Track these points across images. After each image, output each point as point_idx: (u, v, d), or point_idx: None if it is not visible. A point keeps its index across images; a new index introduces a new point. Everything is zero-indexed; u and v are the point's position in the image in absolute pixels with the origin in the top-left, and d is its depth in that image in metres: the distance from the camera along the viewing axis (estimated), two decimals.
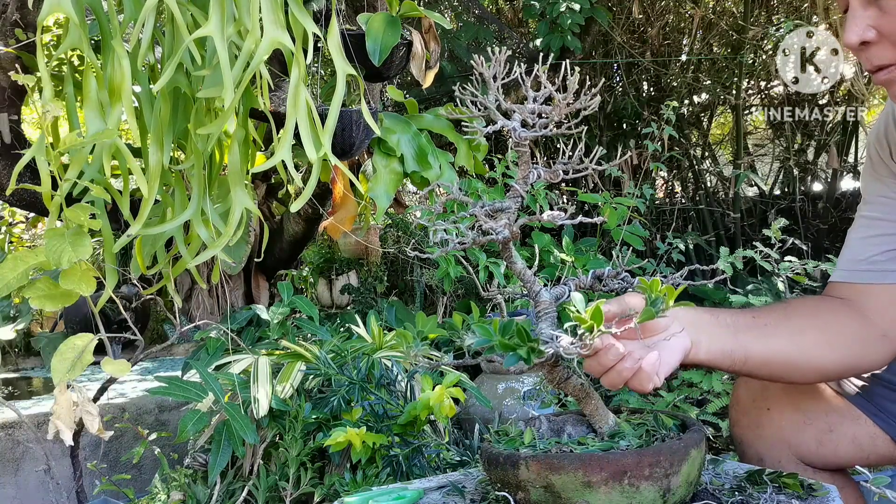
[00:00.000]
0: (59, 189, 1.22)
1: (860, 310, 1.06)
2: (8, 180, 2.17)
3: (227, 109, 1.13)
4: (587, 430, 1.00)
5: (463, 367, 2.17)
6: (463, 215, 0.99)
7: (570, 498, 0.85)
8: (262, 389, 1.51)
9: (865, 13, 0.87)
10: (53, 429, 1.23)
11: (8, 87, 2.18)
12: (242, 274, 2.81)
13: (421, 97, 3.75)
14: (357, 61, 1.94)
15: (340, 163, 1.28)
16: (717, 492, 0.97)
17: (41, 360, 3.13)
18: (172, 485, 1.58)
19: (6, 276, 1.23)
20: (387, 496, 1.02)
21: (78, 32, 1.14)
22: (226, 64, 1.10)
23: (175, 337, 1.73)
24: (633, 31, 4.01)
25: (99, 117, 1.20)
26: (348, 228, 2.60)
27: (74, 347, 1.23)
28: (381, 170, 2.09)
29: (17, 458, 2.00)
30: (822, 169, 4.12)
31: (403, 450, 1.41)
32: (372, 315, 1.87)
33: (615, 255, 1.06)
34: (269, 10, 1.13)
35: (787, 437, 1.14)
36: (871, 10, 0.87)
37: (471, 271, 2.31)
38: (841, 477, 1.16)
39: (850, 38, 0.88)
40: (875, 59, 0.89)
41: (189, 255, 1.35)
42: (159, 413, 2.22)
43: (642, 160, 3.20)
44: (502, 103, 0.96)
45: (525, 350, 0.87)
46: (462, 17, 4.04)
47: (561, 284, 1.01)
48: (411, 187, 3.10)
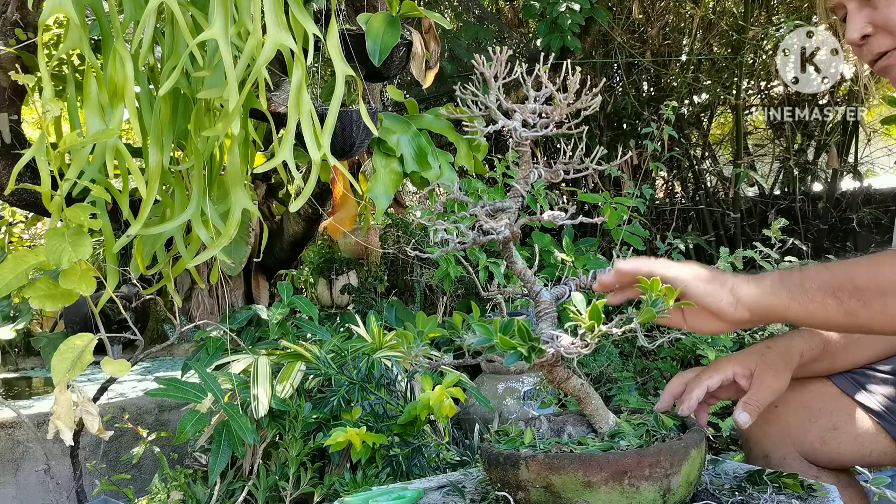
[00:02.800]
0: (60, 189, 1.22)
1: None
2: (8, 180, 2.17)
3: (233, 111, 1.13)
4: (587, 430, 1.00)
5: (463, 367, 2.17)
6: (463, 215, 0.99)
7: (570, 498, 0.85)
8: (262, 389, 1.51)
9: (861, 14, 1.02)
10: (53, 429, 1.23)
11: (8, 87, 2.18)
12: (242, 274, 2.81)
13: (421, 97, 3.75)
14: (357, 61, 1.94)
15: (339, 163, 1.28)
16: (717, 492, 0.97)
17: (41, 360, 3.13)
18: (172, 485, 1.58)
19: (6, 276, 1.23)
20: (387, 496, 1.02)
21: (78, 32, 1.14)
22: (230, 66, 1.10)
23: (175, 337, 1.73)
24: (633, 31, 4.01)
25: (99, 117, 1.21)
26: (348, 228, 2.60)
27: (74, 347, 1.23)
28: (380, 170, 2.09)
29: (17, 458, 1.99)
30: (822, 169, 4.12)
31: (403, 450, 1.41)
32: (372, 315, 1.87)
33: (615, 255, 1.07)
34: (272, 12, 1.13)
35: (792, 434, 1.15)
36: (866, 10, 1.01)
37: (471, 271, 2.31)
38: (845, 476, 1.17)
39: (852, 34, 1.02)
40: (875, 48, 1.02)
41: (189, 256, 1.35)
42: (159, 413, 2.22)
43: (642, 160, 3.20)
44: (503, 103, 0.96)
45: (526, 349, 0.86)
46: (462, 17, 4.04)
47: (561, 284, 1.01)
48: (411, 187, 3.10)
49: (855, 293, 0.89)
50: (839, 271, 0.91)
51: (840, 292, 0.90)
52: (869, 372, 1.15)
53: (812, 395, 1.16)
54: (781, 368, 1.07)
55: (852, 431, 1.13)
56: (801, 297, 0.91)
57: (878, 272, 0.89)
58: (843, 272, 0.91)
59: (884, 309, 0.88)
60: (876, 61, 1.03)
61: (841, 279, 0.90)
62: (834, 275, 0.91)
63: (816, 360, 1.13)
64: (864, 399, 1.13)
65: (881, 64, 1.03)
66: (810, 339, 1.12)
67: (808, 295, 0.91)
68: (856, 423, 1.13)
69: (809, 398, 1.16)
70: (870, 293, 0.88)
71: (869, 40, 1.02)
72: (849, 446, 1.13)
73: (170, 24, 1.26)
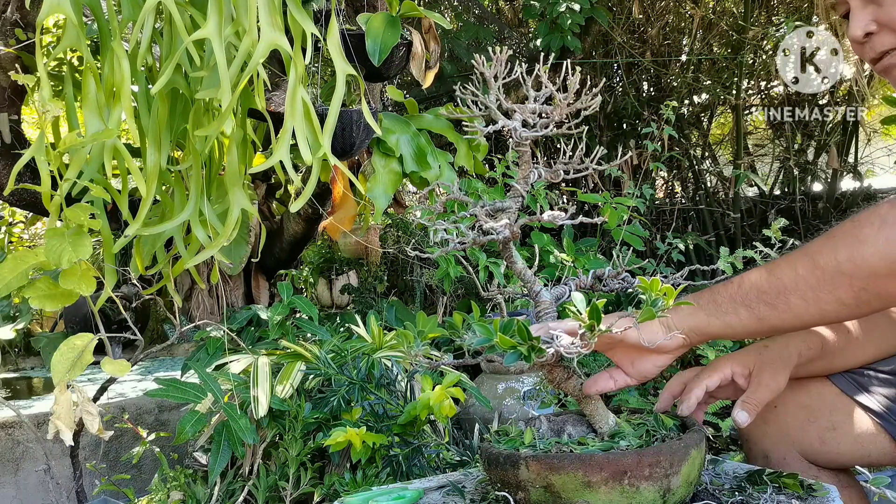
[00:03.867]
0: (59, 189, 1.22)
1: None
2: (8, 180, 2.16)
3: (225, 110, 1.13)
4: (587, 430, 1.00)
5: (463, 367, 2.17)
6: (463, 215, 0.99)
7: (570, 498, 0.85)
8: (262, 389, 1.51)
9: (865, 11, 1.01)
10: (53, 429, 1.23)
11: (8, 87, 2.18)
12: (242, 274, 2.81)
13: (421, 97, 3.75)
14: (357, 61, 1.94)
15: (340, 163, 1.28)
16: (717, 492, 0.97)
17: (41, 360, 3.13)
18: (172, 485, 1.58)
19: (6, 276, 1.23)
20: (387, 496, 1.02)
21: (76, 32, 1.14)
22: (223, 65, 1.10)
23: (175, 337, 1.73)
24: (633, 31, 4.01)
25: (98, 117, 1.20)
26: (348, 228, 2.60)
27: (74, 347, 1.23)
28: (379, 170, 2.09)
29: (17, 458, 1.99)
30: (822, 169, 4.12)
31: (403, 450, 1.41)
32: (372, 315, 1.86)
33: (615, 255, 1.07)
34: (267, 12, 1.13)
35: (791, 434, 1.15)
36: (870, 7, 1.01)
37: (471, 271, 2.31)
38: (845, 476, 1.17)
39: (856, 32, 1.01)
40: (878, 46, 1.02)
41: (188, 256, 1.35)
42: (159, 413, 2.22)
43: (642, 160, 3.20)
44: (503, 103, 0.96)
45: (526, 348, 0.86)
46: (462, 17, 4.04)
47: (561, 284, 1.01)
48: (411, 187, 3.10)
49: (761, 297, 0.94)
50: (745, 280, 0.96)
51: (748, 299, 0.95)
52: (868, 372, 1.15)
53: (811, 394, 1.16)
54: (779, 367, 1.08)
55: (852, 431, 1.13)
56: (716, 312, 0.97)
57: (775, 273, 0.94)
58: (748, 280, 0.96)
59: (788, 307, 0.93)
60: (878, 59, 1.03)
61: (746, 287, 0.96)
62: (740, 284, 0.96)
63: (815, 359, 1.13)
64: (864, 399, 1.13)
65: (884, 63, 1.03)
66: (808, 339, 1.12)
67: (722, 308, 0.96)
68: (855, 423, 1.13)
69: (808, 398, 1.16)
70: (772, 294, 0.93)
71: (872, 38, 1.02)
72: (848, 446, 1.13)
73: (168, 24, 1.26)
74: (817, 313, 0.92)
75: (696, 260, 3.65)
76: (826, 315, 0.93)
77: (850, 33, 1.02)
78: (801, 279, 0.91)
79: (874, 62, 1.04)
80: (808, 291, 0.91)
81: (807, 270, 0.91)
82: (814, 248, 0.92)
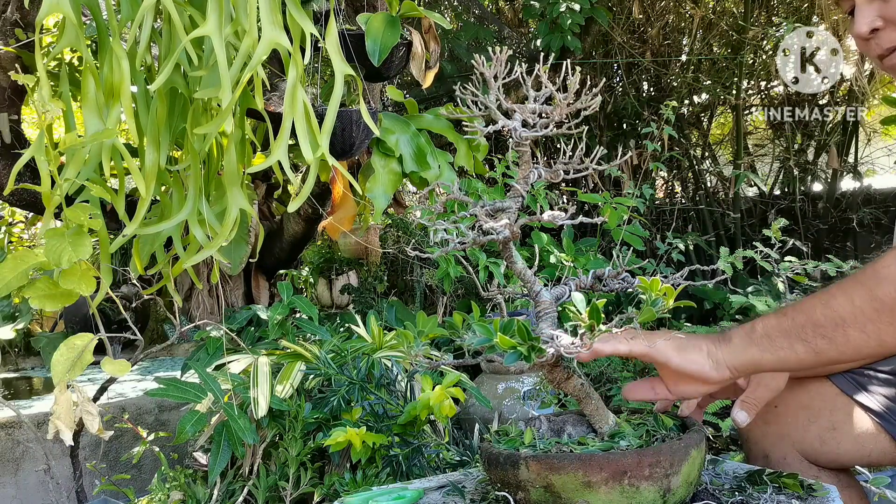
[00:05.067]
0: (58, 189, 1.22)
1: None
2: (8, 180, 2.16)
3: (225, 109, 1.13)
4: (587, 430, 1.00)
5: (463, 367, 2.17)
6: (463, 215, 0.99)
7: (570, 498, 0.85)
8: (262, 389, 1.51)
9: (871, 6, 1.00)
10: (53, 429, 1.23)
11: (8, 87, 2.18)
12: (242, 274, 2.81)
13: (421, 97, 3.75)
14: (357, 61, 1.94)
15: (338, 163, 1.27)
16: (717, 492, 0.97)
17: (41, 360, 3.13)
18: (172, 485, 1.58)
19: (6, 276, 1.23)
20: (387, 496, 1.02)
21: (75, 32, 1.14)
22: (223, 64, 1.10)
23: (175, 337, 1.72)
24: (633, 31, 4.01)
25: (97, 117, 1.20)
26: (348, 228, 2.60)
27: (74, 347, 1.23)
28: (379, 170, 2.09)
29: (17, 457, 1.99)
30: (822, 169, 4.12)
31: (403, 450, 1.41)
32: (372, 315, 1.86)
33: (615, 255, 1.06)
34: (268, 11, 1.13)
35: (791, 434, 1.14)
36: (875, 3, 1.00)
37: (471, 271, 2.31)
38: (846, 476, 1.17)
39: (861, 28, 1.01)
40: (885, 43, 1.01)
41: (187, 256, 1.35)
42: (159, 413, 2.22)
43: (642, 160, 3.20)
44: (503, 103, 0.96)
45: (526, 348, 0.86)
46: (462, 17, 4.04)
47: (561, 284, 1.01)
48: (411, 187, 3.10)
49: (817, 332, 0.92)
50: (798, 314, 0.94)
51: (804, 334, 0.92)
52: (869, 372, 1.15)
53: (811, 394, 1.16)
54: None
55: (852, 431, 1.12)
56: (770, 348, 0.94)
57: (831, 306, 0.92)
58: (801, 314, 0.94)
59: (847, 340, 0.90)
60: (884, 56, 1.02)
61: (801, 322, 0.93)
62: (794, 319, 0.94)
63: None
64: (864, 399, 1.13)
65: (891, 59, 1.02)
66: None
67: (776, 343, 0.94)
68: (855, 423, 1.13)
69: (809, 398, 1.16)
70: (829, 328, 0.91)
71: (878, 34, 1.01)
72: (848, 446, 1.12)
73: (167, 24, 1.26)
74: (877, 345, 0.90)
75: (696, 260, 3.65)
76: (885, 346, 0.91)
77: (856, 29, 1.02)
78: (859, 311, 0.89)
79: (880, 59, 1.03)
80: (867, 324, 0.89)
81: (864, 302, 0.89)
82: (869, 279, 0.90)
